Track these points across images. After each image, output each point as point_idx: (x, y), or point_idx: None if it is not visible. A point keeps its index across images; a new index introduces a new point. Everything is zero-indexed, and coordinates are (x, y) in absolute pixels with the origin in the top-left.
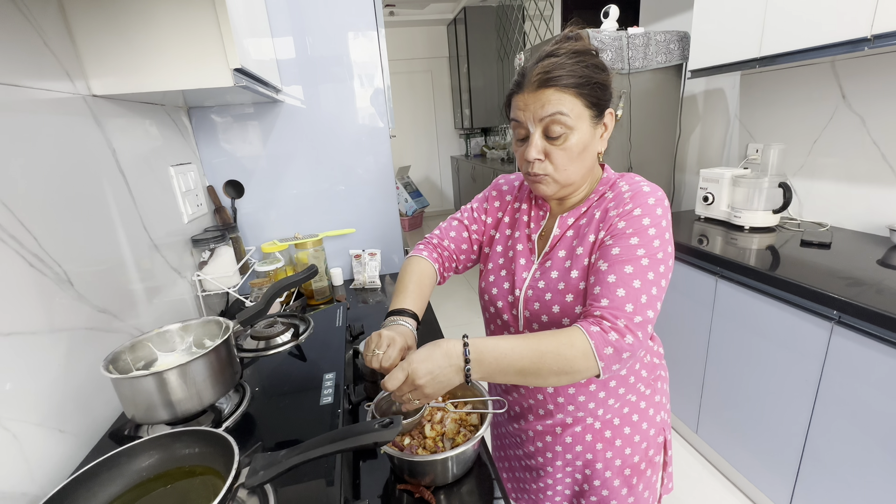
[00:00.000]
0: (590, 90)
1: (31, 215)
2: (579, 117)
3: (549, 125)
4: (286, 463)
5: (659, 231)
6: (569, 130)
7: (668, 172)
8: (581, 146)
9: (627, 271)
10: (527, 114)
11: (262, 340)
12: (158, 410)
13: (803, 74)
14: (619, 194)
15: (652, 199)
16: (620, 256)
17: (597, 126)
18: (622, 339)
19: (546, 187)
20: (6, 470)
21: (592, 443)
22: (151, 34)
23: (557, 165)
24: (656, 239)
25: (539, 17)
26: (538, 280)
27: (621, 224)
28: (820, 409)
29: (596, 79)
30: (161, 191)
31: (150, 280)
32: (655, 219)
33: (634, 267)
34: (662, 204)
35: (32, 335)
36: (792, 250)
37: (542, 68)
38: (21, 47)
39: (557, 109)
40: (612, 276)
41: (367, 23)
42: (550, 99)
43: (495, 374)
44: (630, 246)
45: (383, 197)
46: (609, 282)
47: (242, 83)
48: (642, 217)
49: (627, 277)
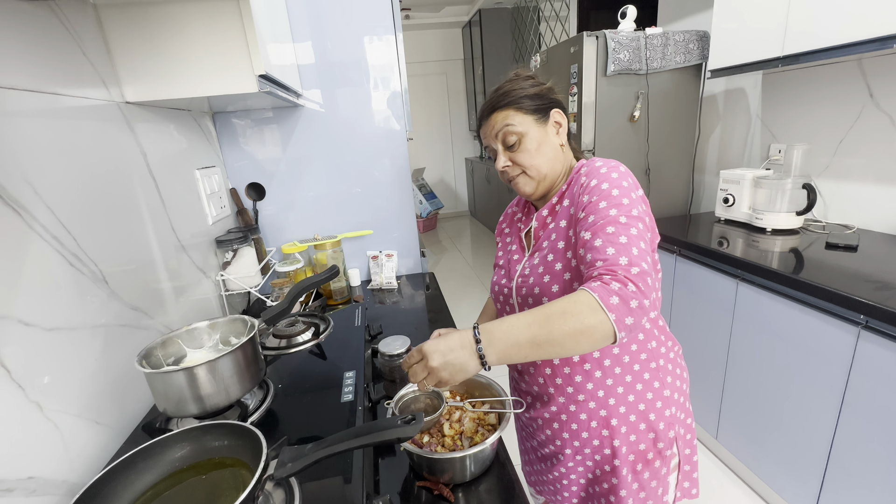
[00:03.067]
0: (525, 101)
1: (70, 216)
2: (524, 123)
3: (503, 137)
4: (313, 456)
5: (622, 191)
6: (520, 135)
7: (687, 174)
8: (535, 144)
9: (610, 231)
10: (488, 137)
11: (284, 339)
12: (188, 404)
13: (828, 73)
14: (578, 178)
15: (604, 168)
16: (598, 221)
17: (545, 125)
18: (625, 287)
19: (524, 186)
20: (49, 458)
21: (598, 429)
22: (181, 43)
23: (523, 164)
24: (623, 198)
25: (555, 17)
26: (525, 268)
27: (585, 198)
28: (846, 416)
29: (525, 93)
30: (187, 193)
31: (178, 279)
32: (613, 181)
33: (615, 226)
34: (617, 169)
35: (72, 331)
36: (816, 253)
37: (489, 102)
38: (63, 58)
39: (504, 123)
40: (598, 241)
41: (385, 27)
42: (497, 119)
43: (509, 350)
44: (601, 210)
45: (400, 199)
46: (597, 245)
47: (266, 89)
48: (600, 184)
49: (612, 236)
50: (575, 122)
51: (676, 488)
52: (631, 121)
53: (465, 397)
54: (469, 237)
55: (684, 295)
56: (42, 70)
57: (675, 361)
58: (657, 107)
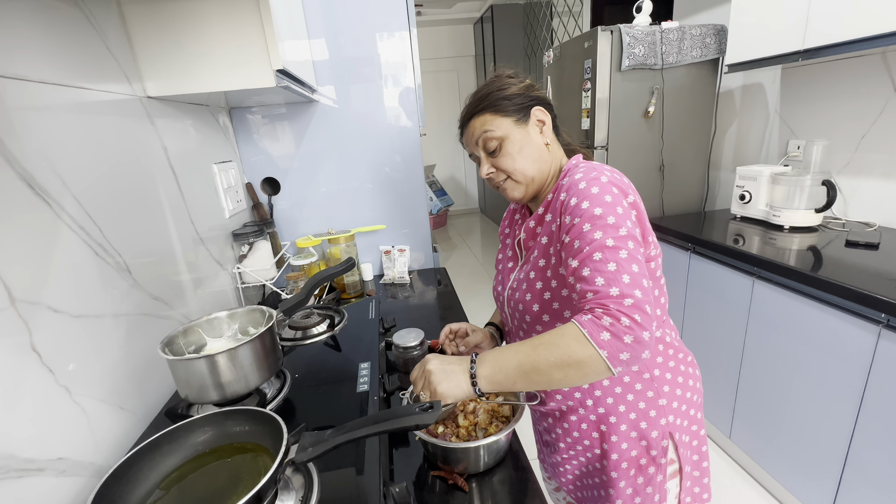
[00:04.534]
0: (502, 103)
1: (96, 208)
2: (502, 126)
3: (484, 144)
4: (332, 441)
5: (606, 207)
6: (501, 140)
7: (703, 170)
8: (517, 146)
9: (597, 258)
10: (469, 146)
11: (300, 330)
12: (210, 391)
13: (850, 67)
14: (560, 189)
15: (583, 182)
16: (583, 247)
17: (526, 125)
18: (617, 323)
19: (512, 191)
20: (77, 440)
21: (588, 431)
22: (201, 39)
23: (507, 169)
24: (608, 216)
25: (568, 13)
26: (515, 280)
27: (568, 219)
28: (865, 417)
29: (502, 94)
30: (205, 187)
31: (196, 271)
32: (595, 198)
33: (602, 252)
34: (598, 181)
35: (98, 318)
36: (836, 251)
37: (466, 109)
38: (88, 53)
39: (482, 130)
40: (585, 270)
41: (399, 23)
42: (476, 125)
43: (498, 375)
44: (586, 233)
45: (412, 194)
46: (585, 276)
47: (283, 83)
48: (580, 202)
49: (600, 264)
50: (588, 118)
51: (684, 494)
52: (645, 117)
53: None
54: (479, 234)
55: (698, 293)
56: (69, 65)
57: (677, 370)
58: (672, 102)
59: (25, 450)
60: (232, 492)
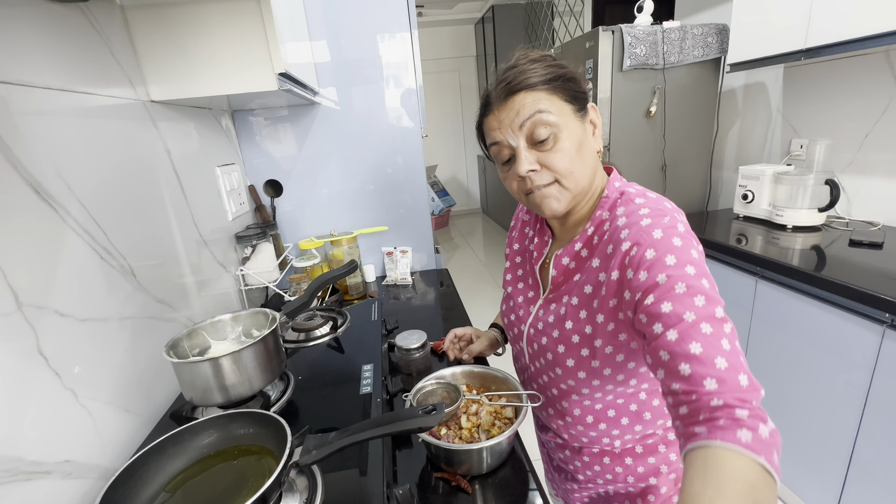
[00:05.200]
0: (562, 83)
1: (101, 212)
2: (562, 113)
3: (532, 129)
4: (336, 444)
5: (697, 267)
6: (556, 129)
7: (705, 170)
8: (576, 143)
9: (706, 332)
10: (503, 129)
11: (303, 332)
12: (214, 394)
13: (853, 66)
14: (616, 232)
15: (658, 231)
16: (684, 313)
17: (584, 121)
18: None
19: (555, 201)
20: (83, 443)
21: (611, 465)
22: (203, 43)
23: (559, 169)
24: (702, 278)
25: (569, 12)
26: (539, 320)
27: (643, 275)
28: (869, 418)
29: (563, 72)
30: (208, 190)
31: (200, 274)
32: (680, 252)
33: (711, 324)
34: (675, 230)
35: (103, 321)
36: (839, 250)
37: (506, 79)
38: (92, 58)
39: (536, 108)
40: (695, 345)
41: (400, 24)
42: (524, 102)
43: None
44: (682, 297)
45: (414, 195)
46: (697, 354)
47: (286, 87)
48: (661, 256)
49: (712, 339)
50: None
51: None
52: (647, 116)
53: (482, 391)
54: (481, 234)
55: None
56: (74, 70)
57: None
58: (674, 102)
59: (32, 452)
60: (237, 494)
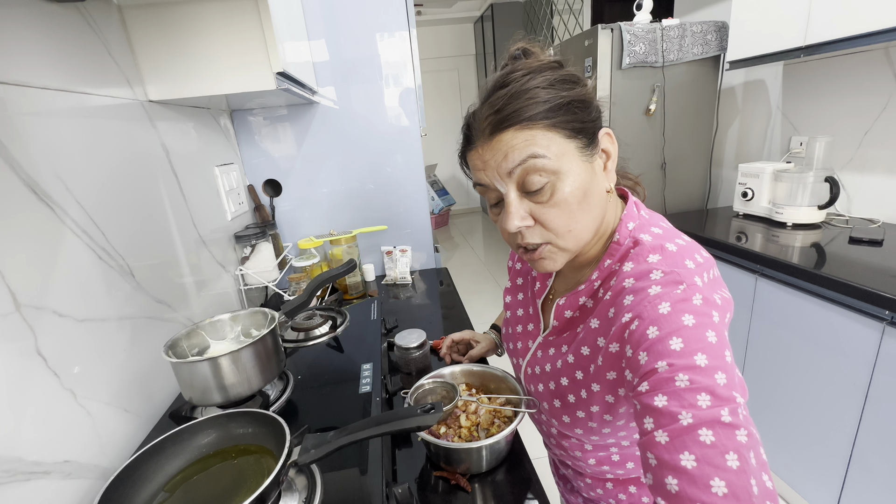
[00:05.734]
0: (566, 115)
1: (99, 211)
2: (562, 155)
3: (523, 177)
4: (335, 443)
5: (708, 350)
6: (554, 177)
7: (705, 168)
8: (580, 192)
9: (705, 440)
10: (489, 172)
11: (302, 332)
12: (213, 393)
13: (853, 63)
14: (620, 294)
15: (666, 305)
16: (676, 412)
17: (592, 158)
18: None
19: (550, 263)
20: (83, 443)
21: (614, 491)
22: (201, 42)
23: (555, 229)
24: (717, 371)
25: (568, 11)
26: (536, 362)
27: (643, 357)
28: (869, 416)
29: (569, 97)
30: (207, 189)
31: (199, 274)
32: (689, 333)
33: (714, 431)
34: (688, 303)
35: (101, 322)
36: (839, 248)
37: (491, 108)
38: (90, 58)
39: (528, 153)
40: (685, 457)
41: (399, 23)
42: (514, 144)
43: None
44: (680, 392)
45: (414, 194)
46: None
47: (284, 86)
48: (668, 338)
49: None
50: None
51: None
52: (647, 114)
53: (481, 390)
54: (481, 234)
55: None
56: (71, 70)
57: None
58: (674, 100)
59: (32, 453)
60: (236, 494)
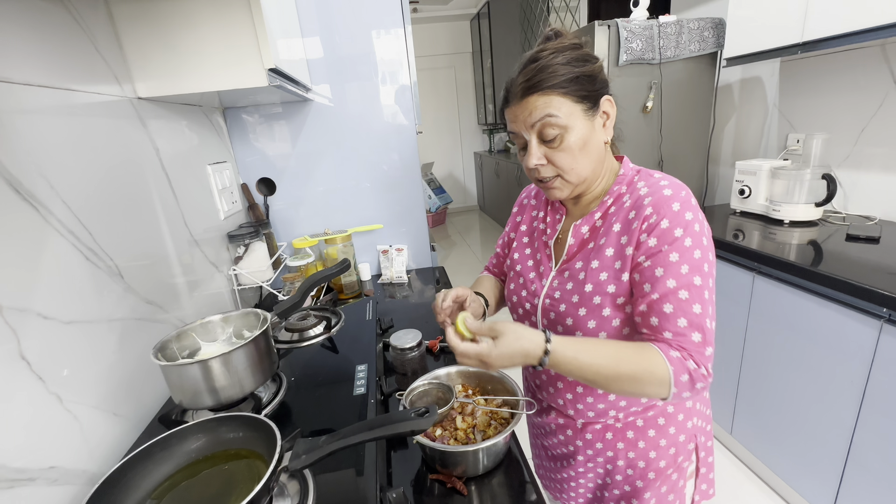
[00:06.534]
0: (576, 85)
1: (86, 212)
2: (571, 115)
3: (541, 129)
4: (327, 448)
5: (695, 238)
6: (563, 130)
7: (702, 165)
8: (580, 142)
9: (683, 297)
10: (518, 124)
11: (296, 332)
12: (203, 396)
13: (850, 59)
14: (638, 200)
15: (676, 203)
16: (668, 280)
17: (594, 117)
18: (698, 370)
19: (558, 192)
20: (69, 448)
21: (613, 441)
22: (191, 38)
23: (562, 167)
24: (696, 249)
25: (565, 8)
26: (555, 290)
27: (652, 241)
28: (866, 413)
29: (580, 72)
30: (199, 188)
31: (191, 274)
32: (687, 226)
33: (689, 291)
34: (688, 203)
35: (89, 324)
36: (836, 245)
37: (524, 76)
38: (76, 54)
39: (545, 113)
40: (667, 306)
41: (394, 20)
42: (537, 105)
43: (571, 371)
44: (673, 265)
45: (410, 193)
46: (667, 312)
47: (276, 83)
48: (673, 228)
49: (685, 305)
50: None
51: (694, 492)
52: (644, 112)
53: (478, 391)
54: (478, 231)
55: None
56: (56, 66)
57: None
58: (671, 97)
59: (16, 459)
60: (225, 500)
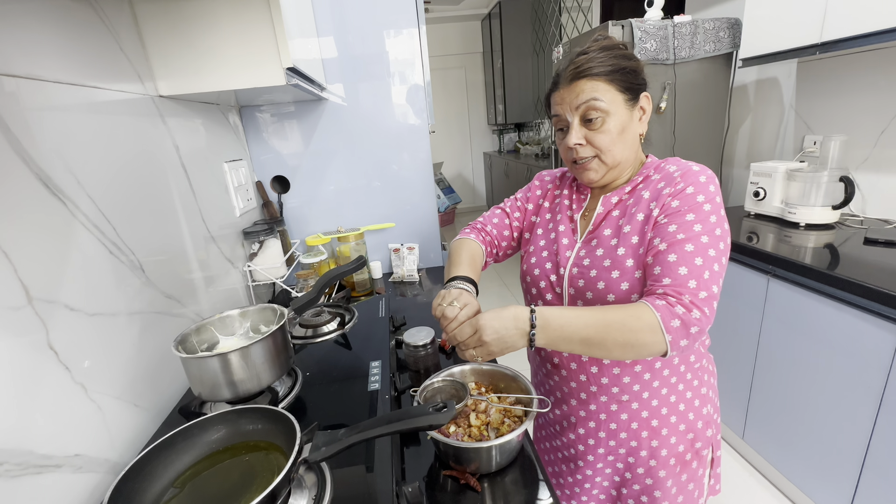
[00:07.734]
0: (621, 76)
1: (110, 207)
2: (614, 101)
3: (585, 111)
4: (346, 441)
5: (714, 207)
6: (605, 114)
7: (716, 167)
8: (620, 127)
9: (688, 249)
10: (564, 106)
11: (311, 328)
12: (222, 389)
13: (869, 60)
14: (668, 174)
15: (703, 176)
16: (678, 234)
17: (633, 109)
18: (689, 313)
19: (593, 173)
20: (93, 437)
21: (638, 431)
22: (212, 37)
23: (600, 148)
24: (712, 215)
25: (577, 8)
26: (583, 258)
27: (675, 203)
28: (884, 419)
29: (625, 65)
30: (216, 185)
31: (208, 269)
32: (709, 195)
33: (695, 245)
34: (714, 181)
35: (112, 316)
36: (854, 248)
37: (574, 64)
38: (101, 53)
39: (591, 96)
40: (672, 255)
41: (408, 20)
42: (584, 88)
43: (559, 342)
44: (687, 223)
45: (422, 192)
46: (670, 261)
47: (293, 81)
48: (696, 194)
49: (688, 255)
50: None
51: (709, 487)
52: (657, 112)
53: (491, 389)
54: None
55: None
56: (83, 65)
57: (709, 356)
58: (684, 98)
59: (43, 446)
60: (246, 490)
